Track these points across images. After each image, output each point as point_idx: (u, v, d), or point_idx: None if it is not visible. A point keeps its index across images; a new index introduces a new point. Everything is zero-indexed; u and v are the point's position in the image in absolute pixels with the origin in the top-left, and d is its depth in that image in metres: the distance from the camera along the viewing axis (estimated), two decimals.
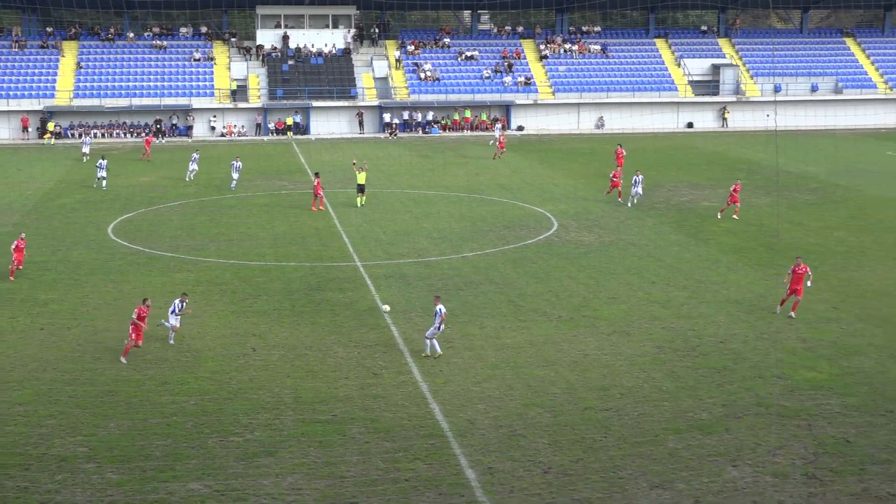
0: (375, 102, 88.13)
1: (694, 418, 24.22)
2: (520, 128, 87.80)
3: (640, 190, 52.21)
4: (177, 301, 30.13)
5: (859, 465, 21.41)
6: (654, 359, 28.57)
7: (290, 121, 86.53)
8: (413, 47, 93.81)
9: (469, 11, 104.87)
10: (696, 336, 30.52)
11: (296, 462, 21.81)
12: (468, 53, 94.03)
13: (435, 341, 28.79)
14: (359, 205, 51.52)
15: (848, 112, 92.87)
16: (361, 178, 51.92)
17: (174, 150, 76.76)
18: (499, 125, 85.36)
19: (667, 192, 56.68)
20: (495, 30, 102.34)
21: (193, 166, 61.06)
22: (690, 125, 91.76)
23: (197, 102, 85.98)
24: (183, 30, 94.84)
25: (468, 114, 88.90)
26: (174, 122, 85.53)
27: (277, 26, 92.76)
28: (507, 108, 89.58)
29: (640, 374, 27.34)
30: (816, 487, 20.42)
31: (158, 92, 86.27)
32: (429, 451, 22.37)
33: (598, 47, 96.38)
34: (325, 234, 45.84)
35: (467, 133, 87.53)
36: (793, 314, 31.92)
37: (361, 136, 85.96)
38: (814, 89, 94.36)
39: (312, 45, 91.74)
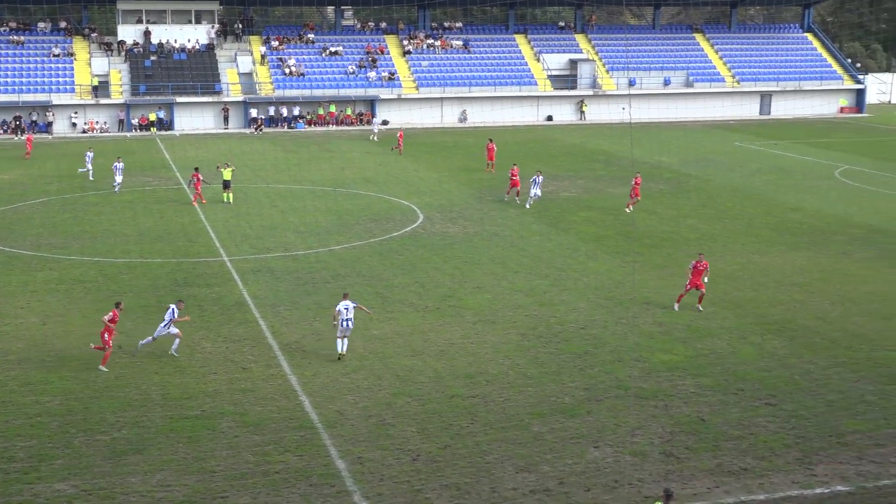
0: (240, 98, 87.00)
1: (557, 402, 24.62)
2: (384, 122, 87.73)
3: (538, 192, 50.21)
4: (172, 307, 28.31)
5: (713, 441, 22.09)
6: (519, 346, 28.94)
7: (153, 117, 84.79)
8: (277, 43, 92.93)
9: (332, 7, 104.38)
10: (559, 323, 31.01)
11: (164, 459, 21.45)
12: (332, 49, 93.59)
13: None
14: (224, 201, 50.80)
15: (698, 105, 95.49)
16: (227, 174, 51.24)
17: (34, 147, 74.53)
18: (376, 121, 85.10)
19: (528, 183, 57.29)
20: (359, 25, 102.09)
21: (89, 165, 58.81)
22: (550, 118, 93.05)
23: (57, 98, 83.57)
24: (41, 25, 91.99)
25: (333, 109, 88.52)
26: (34, 118, 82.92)
27: (139, 21, 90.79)
28: (371, 102, 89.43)
29: (504, 360, 27.66)
30: (674, 465, 20.99)
31: (17, 88, 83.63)
32: (299, 443, 22.27)
33: (459, 43, 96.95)
34: (192, 230, 45.10)
35: (333, 128, 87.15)
36: (699, 307, 32.12)
37: (226, 131, 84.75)
38: (666, 83, 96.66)
39: (175, 41, 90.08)
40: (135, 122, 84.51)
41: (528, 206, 49.58)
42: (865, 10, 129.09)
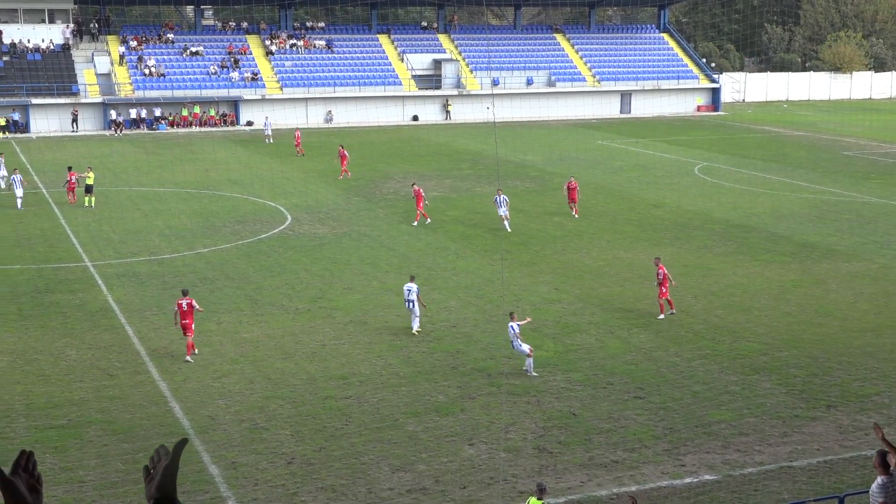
0: (99, 99, 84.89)
1: (431, 401, 24.78)
2: (248, 123, 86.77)
3: (506, 211, 44.64)
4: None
5: (585, 435, 22.54)
6: (391, 345, 29.03)
7: (1, 121, 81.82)
8: (136, 43, 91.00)
9: (192, 7, 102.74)
10: (430, 321, 31.15)
11: None
12: (193, 49, 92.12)
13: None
14: (85, 204, 49.53)
15: (560, 104, 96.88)
16: (90, 178, 50.00)
17: None
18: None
19: (396, 183, 57.49)
20: (220, 25, 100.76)
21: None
22: (416, 118, 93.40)
23: None
24: None
25: (197, 109, 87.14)
26: None
27: None
28: (235, 103, 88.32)
29: (377, 361, 27.72)
30: (547, 459, 21.35)
31: None
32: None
33: (323, 43, 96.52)
34: (52, 235, 43.88)
35: (196, 129, 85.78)
36: (672, 311, 31.66)
37: (84, 133, 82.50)
38: (529, 83, 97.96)
39: (29, 41, 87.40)
40: None
41: (509, 229, 44.16)
42: (718, 10, 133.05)
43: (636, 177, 60.38)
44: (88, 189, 49.89)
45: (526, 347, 26.33)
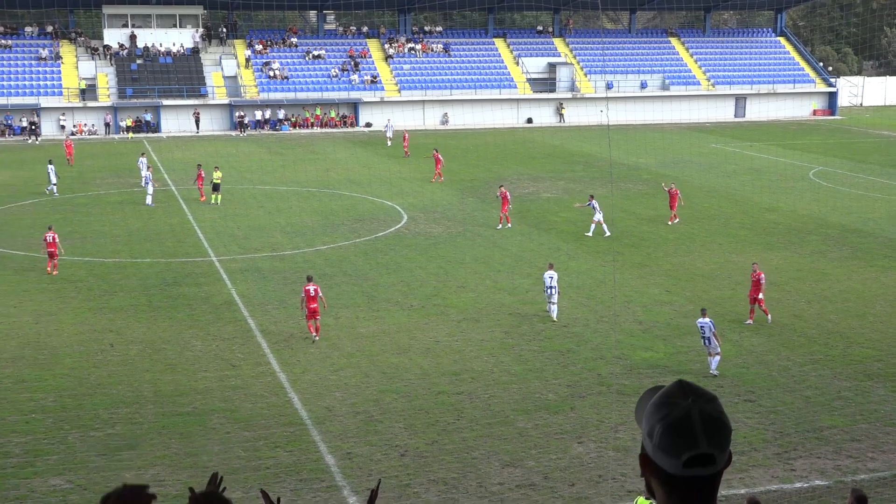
0: (225, 101, 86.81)
1: (541, 399, 24.72)
2: (367, 124, 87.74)
3: (600, 216, 43.83)
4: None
5: None
6: (503, 343, 29.03)
7: (129, 122, 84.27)
8: (261, 46, 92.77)
9: (315, 12, 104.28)
10: (541, 321, 31.11)
11: (157, 454, 21.46)
12: (315, 52, 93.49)
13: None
14: (212, 202, 50.70)
15: (674, 107, 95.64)
16: (216, 175, 51.15)
17: (23, 150, 74.27)
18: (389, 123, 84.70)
19: (509, 184, 57.33)
20: (341, 30, 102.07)
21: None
22: (530, 120, 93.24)
23: (45, 101, 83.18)
24: (28, 29, 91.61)
25: (319, 112, 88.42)
26: (22, 122, 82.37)
27: (124, 26, 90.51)
28: (355, 105, 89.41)
29: (489, 358, 27.75)
30: None
31: (5, 91, 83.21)
32: (289, 439, 22.31)
33: (440, 46, 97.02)
34: (180, 231, 45.03)
35: (317, 130, 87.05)
36: (750, 321, 30.69)
37: (196, 134, 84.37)
38: (643, 86, 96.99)
39: (161, 45, 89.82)
40: (122, 124, 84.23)
41: (607, 234, 43.35)
42: (836, 14, 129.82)
43: (749, 181, 59.27)
44: (216, 187, 51.04)
45: (718, 346, 26.10)
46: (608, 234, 43.44)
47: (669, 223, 45.74)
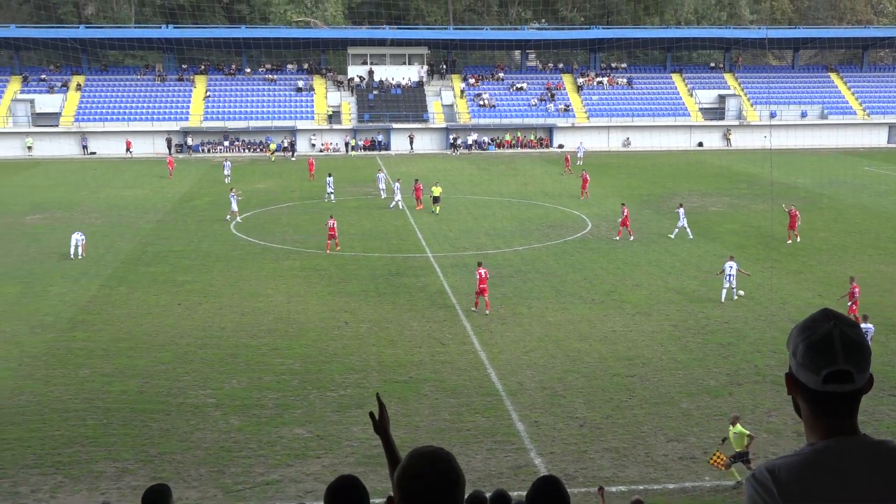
0: (443, 125, 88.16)
1: (703, 384, 24.04)
2: (560, 146, 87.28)
3: (684, 222, 43.99)
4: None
5: None
6: (671, 335, 28.38)
7: (352, 141, 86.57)
8: (474, 80, 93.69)
9: (519, 51, 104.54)
10: (706, 317, 30.24)
11: None
12: (518, 85, 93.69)
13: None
14: (433, 212, 50.92)
15: (832, 134, 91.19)
16: (437, 190, 51.58)
17: (281, 164, 77.47)
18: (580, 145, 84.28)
19: (680, 199, 56.04)
20: (540, 66, 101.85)
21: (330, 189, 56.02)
22: (700, 144, 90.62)
23: (300, 124, 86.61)
24: (289, 66, 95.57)
25: (519, 134, 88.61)
26: (285, 142, 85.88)
27: (364, 63, 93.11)
28: (550, 129, 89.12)
29: (658, 347, 27.18)
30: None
31: (269, 116, 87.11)
32: (486, 407, 22.46)
33: (624, 80, 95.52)
34: (403, 232, 46.00)
35: (517, 150, 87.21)
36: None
37: (411, 152, 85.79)
38: (803, 116, 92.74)
39: (392, 78, 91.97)
40: (360, 143, 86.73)
41: (690, 237, 43.49)
42: None
43: None
44: (436, 200, 51.26)
45: None
46: (691, 236, 43.23)
47: (788, 242, 42.20)
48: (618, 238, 43.24)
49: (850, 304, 29.14)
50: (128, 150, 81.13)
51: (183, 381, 24.20)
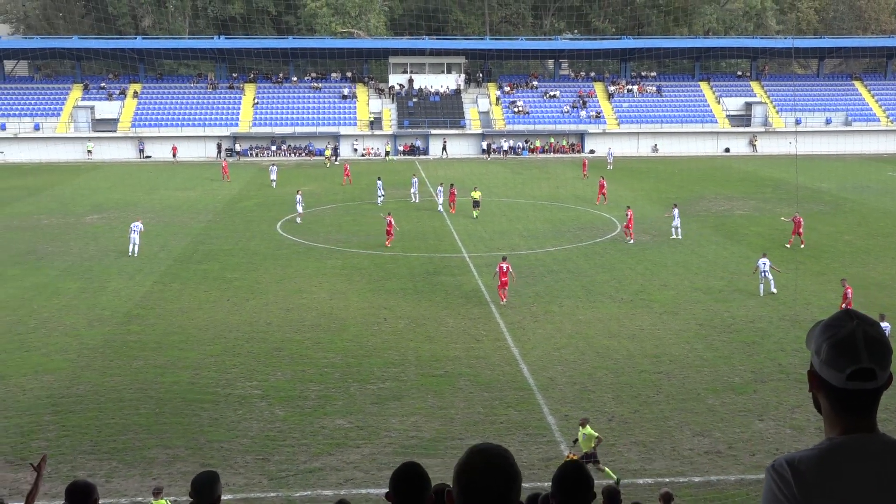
0: (479, 131, 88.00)
1: (728, 381, 23.78)
2: (591, 151, 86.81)
3: (678, 222, 44.16)
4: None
5: None
6: (697, 334, 28.11)
7: (388, 147, 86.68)
8: (509, 88, 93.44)
9: (552, 60, 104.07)
10: (731, 317, 29.92)
11: (417, 406, 22.00)
12: (551, 93, 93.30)
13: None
14: (473, 216, 49.88)
15: (856, 140, 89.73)
16: (476, 195, 51.07)
17: (325, 167, 77.77)
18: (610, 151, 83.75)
19: (707, 202, 55.59)
20: (573, 74, 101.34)
21: (381, 192, 55.46)
22: (727, 150, 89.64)
23: (343, 130, 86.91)
24: (333, 75, 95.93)
25: (552, 140, 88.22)
26: (327, 145, 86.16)
27: (404, 72, 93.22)
28: (581, 135, 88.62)
29: (685, 345, 26.93)
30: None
31: (315, 122, 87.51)
32: (519, 401, 22.38)
33: (653, 88, 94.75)
34: (440, 232, 45.99)
35: (550, 155, 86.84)
36: None
37: (443, 157, 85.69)
38: (828, 122, 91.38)
39: (431, 86, 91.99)
40: (400, 148, 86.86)
41: (679, 237, 43.32)
42: None
43: None
44: (476, 204, 50.36)
45: None
46: (680, 237, 43.09)
47: (788, 245, 41.06)
48: (631, 241, 42.54)
49: (843, 304, 28.69)
50: (174, 155, 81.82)
51: (231, 374, 24.37)
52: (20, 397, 22.69)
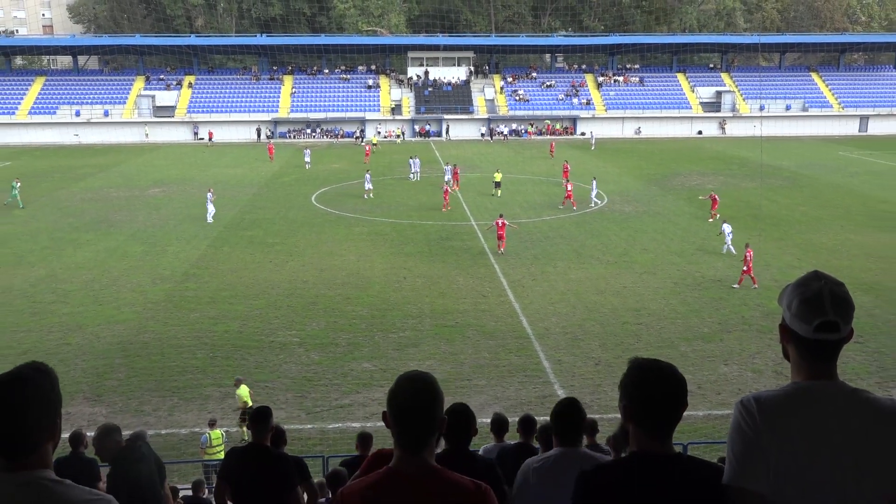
0: (485, 116, 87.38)
1: (698, 331, 23.79)
2: (582, 133, 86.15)
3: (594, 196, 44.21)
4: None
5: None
6: (672, 291, 28.07)
7: (397, 130, 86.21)
8: (511, 79, 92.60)
9: (549, 54, 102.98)
10: (701, 276, 29.85)
11: (432, 351, 22.11)
12: (548, 83, 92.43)
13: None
14: (495, 195, 47.55)
15: (812, 124, 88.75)
16: (498, 176, 49.44)
17: (353, 148, 77.51)
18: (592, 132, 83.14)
19: (683, 178, 55.19)
20: (567, 67, 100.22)
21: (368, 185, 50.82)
22: (700, 133, 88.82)
23: (369, 116, 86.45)
24: (360, 68, 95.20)
25: (549, 122, 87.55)
26: (352, 130, 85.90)
27: (421, 65, 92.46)
28: (574, 119, 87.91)
29: (661, 300, 26.90)
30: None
31: (343, 108, 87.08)
32: (519, 348, 22.45)
33: (637, 79, 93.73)
34: (452, 204, 45.75)
35: (546, 137, 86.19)
36: (736, 286, 28.21)
37: (448, 139, 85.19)
38: (788, 109, 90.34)
39: (444, 77, 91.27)
40: (417, 130, 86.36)
41: (592, 206, 43.26)
42: None
43: (869, 180, 54.18)
44: (497, 185, 48.40)
45: None
46: (593, 206, 43.30)
47: (710, 220, 39.91)
48: (562, 207, 43.11)
49: (744, 268, 28.10)
50: (210, 139, 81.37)
51: (273, 324, 24.53)
52: (95, 344, 22.91)
